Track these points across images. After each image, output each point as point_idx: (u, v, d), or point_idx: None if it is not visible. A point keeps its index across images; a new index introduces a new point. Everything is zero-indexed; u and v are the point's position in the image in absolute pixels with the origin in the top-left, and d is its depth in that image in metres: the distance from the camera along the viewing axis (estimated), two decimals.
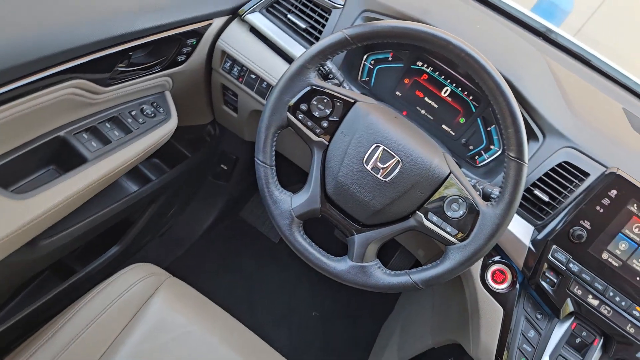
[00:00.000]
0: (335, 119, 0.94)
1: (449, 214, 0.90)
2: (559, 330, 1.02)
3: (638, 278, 0.97)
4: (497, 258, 1.05)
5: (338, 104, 0.94)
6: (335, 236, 1.89)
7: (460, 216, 0.89)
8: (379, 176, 0.90)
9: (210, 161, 1.76)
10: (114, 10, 0.96)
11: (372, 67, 1.25)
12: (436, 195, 0.91)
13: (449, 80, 1.20)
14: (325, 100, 0.94)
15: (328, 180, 0.95)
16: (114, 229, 1.36)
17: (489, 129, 1.17)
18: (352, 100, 0.94)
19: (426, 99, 1.22)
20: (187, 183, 1.67)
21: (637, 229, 0.97)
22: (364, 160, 0.91)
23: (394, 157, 0.90)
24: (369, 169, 0.91)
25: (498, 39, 1.25)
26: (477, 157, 1.19)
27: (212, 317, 1.11)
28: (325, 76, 1.07)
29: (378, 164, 0.90)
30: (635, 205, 0.97)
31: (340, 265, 0.94)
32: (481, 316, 1.05)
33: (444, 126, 1.23)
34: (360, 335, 1.89)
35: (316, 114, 0.94)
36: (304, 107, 0.94)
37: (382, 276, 0.93)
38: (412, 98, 1.24)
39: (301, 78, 0.93)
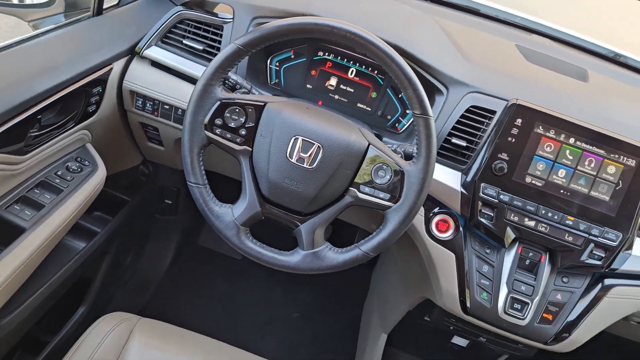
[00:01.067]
0: (252, 124, 0.98)
1: (377, 181, 0.96)
2: (509, 258, 1.10)
3: (562, 191, 1.06)
4: (437, 209, 1.12)
5: (250, 110, 0.98)
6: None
7: (388, 181, 0.96)
8: (305, 165, 0.95)
9: (152, 200, 1.77)
10: (11, 81, 0.97)
11: (278, 68, 1.30)
12: (362, 168, 0.97)
13: (352, 62, 1.27)
14: (238, 110, 0.98)
15: (261, 183, 0.99)
16: (75, 290, 1.36)
17: (400, 96, 1.24)
18: (262, 103, 0.99)
19: (336, 84, 1.28)
20: (136, 227, 1.67)
21: (548, 148, 1.06)
22: (288, 155, 0.96)
23: (314, 144, 0.95)
24: (295, 162, 0.95)
25: (383, 12, 1.32)
26: (397, 124, 1.26)
27: (194, 345, 1.13)
28: (233, 88, 1.11)
29: (301, 154, 0.95)
30: (540, 127, 1.06)
31: (294, 258, 0.99)
32: (436, 266, 1.12)
33: (359, 105, 1.29)
34: (344, 325, 1.94)
35: (232, 125, 0.98)
36: (218, 121, 0.98)
37: (335, 256, 0.98)
38: (323, 87, 1.29)
39: (208, 96, 0.97)
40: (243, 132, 0.98)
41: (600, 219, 1.06)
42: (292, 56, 1.29)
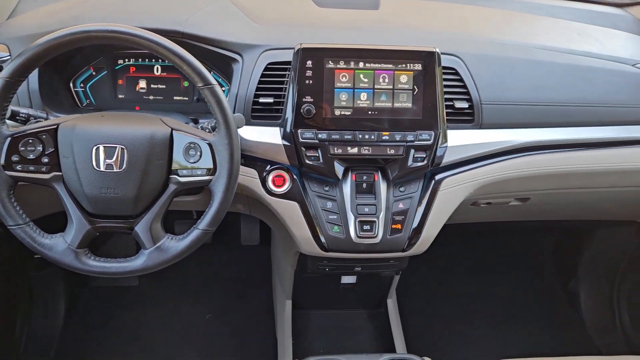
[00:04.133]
0: (52, 149, 0.97)
1: (191, 161, 0.99)
2: (347, 188, 1.17)
3: (370, 112, 1.14)
4: (268, 167, 1.17)
5: (44, 136, 0.97)
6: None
7: (200, 157, 0.99)
8: (115, 170, 0.96)
9: (17, 261, 1.70)
10: None
11: (83, 89, 1.29)
12: (174, 153, 0.99)
13: (154, 60, 1.28)
14: (32, 141, 0.96)
15: (81, 201, 0.99)
16: None
17: None
18: (55, 126, 0.98)
19: (147, 86, 1.29)
20: (13, 292, 1.60)
21: (344, 78, 1.13)
22: (95, 166, 0.96)
23: (116, 147, 0.96)
24: (104, 170, 0.96)
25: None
26: None
27: None
28: (27, 120, 1.08)
29: (107, 161, 0.96)
30: (330, 62, 1.12)
31: (139, 260, 1.00)
32: (285, 218, 1.17)
33: (176, 97, 1.31)
34: (260, 310, 1.97)
35: (31, 156, 0.97)
36: (16, 158, 0.96)
37: (177, 244, 1.00)
38: (135, 92, 1.30)
39: None
40: (46, 160, 0.97)
41: (411, 125, 1.15)
42: (93, 73, 1.29)
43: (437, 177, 1.20)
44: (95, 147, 0.96)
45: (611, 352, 1.83)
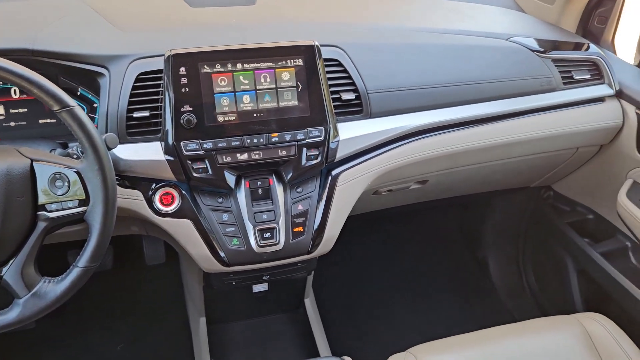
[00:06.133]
0: None
1: (60, 192, 0.89)
2: (241, 197, 1.11)
3: (255, 115, 1.08)
4: (154, 186, 1.08)
5: None
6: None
7: (69, 188, 0.89)
8: None
9: None
10: None
11: None
12: (39, 187, 0.88)
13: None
14: None
15: None
16: None
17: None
18: None
19: (5, 111, 1.16)
20: None
21: (222, 82, 1.06)
22: None
23: None
24: None
25: (14, 18, 1.20)
26: None
27: None
28: None
29: None
30: (205, 66, 1.05)
31: (13, 312, 0.89)
32: (179, 238, 1.10)
33: (42, 120, 1.19)
34: (176, 329, 1.86)
35: None
36: None
37: (56, 287, 0.90)
38: None
39: None
40: None
41: (300, 123, 1.10)
42: None
43: (334, 172, 1.17)
44: None
45: (522, 314, 1.92)
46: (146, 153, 1.07)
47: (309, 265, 1.29)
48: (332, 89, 1.17)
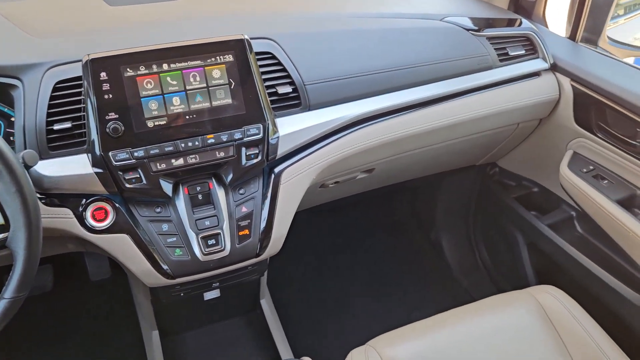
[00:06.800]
0: None
1: None
2: (180, 204, 1.05)
3: (187, 117, 1.02)
4: (84, 201, 1.01)
5: None
6: None
7: None
8: None
9: None
10: None
11: None
12: None
13: None
14: None
15: None
16: None
17: None
18: None
19: None
20: None
21: (149, 85, 1.00)
22: None
23: None
24: None
25: None
26: None
27: None
28: None
29: None
30: (128, 69, 0.98)
31: None
32: (117, 255, 1.03)
33: None
34: (131, 345, 1.77)
35: None
36: None
37: None
38: None
39: None
40: None
41: (236, 122, 1.05)
42: None
43: (276, 170, 1.13)
44: None
45: (478, 291, 1.94)
46: (72, 167, 0.99)
47: (260, 267, 1.24)
48: (267, 83, 1.12)
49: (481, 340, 1.14)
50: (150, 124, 1.00)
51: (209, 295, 1.37)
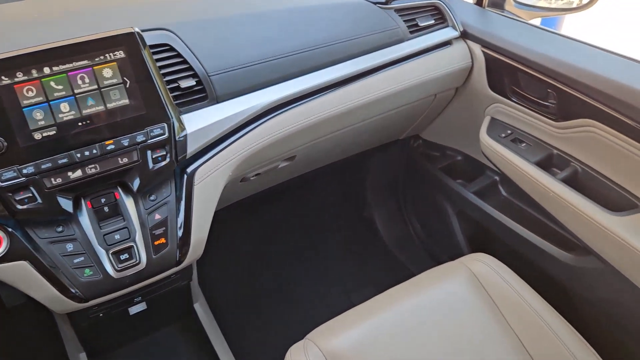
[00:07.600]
0: None
1: None
2: (84, 219, 0.96)
3: (80, 123, 0.92)
4: None
5: None
6: None
7: None
8: None
9: None
10: None
11: None
12: None
13: None
14: None
15: None
16: None
17: None
18: None
19: None
20: None
21: (30, 92, 0.88)
22: None
23: None
24: None
25: None
26: None
27: None
28: None
29: None
30: (2, 77, 0.87)
31: None
32: (18, 285, 0.93)
33: None
34: None
35: None
36: None
37: None
38: None
39: None
40: None
41: (136, 124, 0.96)
42: None
43: (189, 170, 1.05)
44: None
45: (416, 265, 1.94)
46: None
47: (185, 273, 1.17)
48: (167, 78, 1.04)
49: (420, 318, 1.13)
50: (37, 135, 0.90)
51: (135, 309, 1.28)
